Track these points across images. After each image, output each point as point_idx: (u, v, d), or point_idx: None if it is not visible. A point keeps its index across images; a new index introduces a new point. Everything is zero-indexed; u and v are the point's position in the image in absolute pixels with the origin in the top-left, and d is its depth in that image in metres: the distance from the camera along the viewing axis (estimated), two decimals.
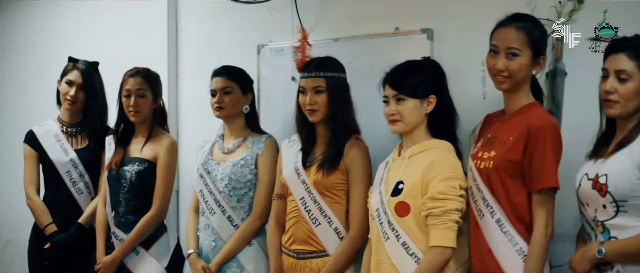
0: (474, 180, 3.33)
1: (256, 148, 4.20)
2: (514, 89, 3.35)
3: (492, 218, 3.25)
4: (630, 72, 2.98)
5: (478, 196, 3.30)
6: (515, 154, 3.22)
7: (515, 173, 3.23)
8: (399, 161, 3.52)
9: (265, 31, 4.85)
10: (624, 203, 2.95)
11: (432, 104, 3.49)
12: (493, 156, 3.28)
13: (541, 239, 3.16)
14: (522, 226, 3.23)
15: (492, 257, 3.25)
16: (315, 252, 3.85)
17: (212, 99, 4.24)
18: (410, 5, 4.25)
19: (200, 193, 4.27)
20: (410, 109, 3.45)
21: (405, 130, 3.50)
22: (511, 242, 3.22)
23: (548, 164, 3.16)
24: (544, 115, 3.31)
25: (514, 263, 3.21)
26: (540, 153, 3.16)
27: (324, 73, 3.86)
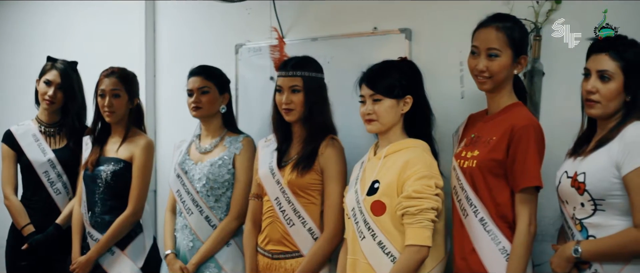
0: (457, 179, 3.33)
1: (234, 148, 4.16)
2: (496, 89, 3.34)
3: (475, 217, 3.24)
4: (612, 72, 2.97)
5: (462, 196, 3.30)
6: (499, 153, 3.20)
7: (499, 172, 3.22)
8: (375, 160, 3.51)
9: (243, 31, 4.81)
10: (601, 201, 2.94)
11: (408, 105, 3.47)
12: (476, 156, 3.27)
13: (525, 238, 3.15)
14: (505, 225, 3.22)
15: (476, 256, 3.25)
16: (289, 252, 3.82)
17: (189, 98, 4.20)
18: (388, 5, 4.22)
19: (177, 193, 4.22)
20: (386, 109, 3.43)
21: (381, 130, 3.48)
22: (494, 241, 3.21)
23: (531, 164, 3.15)
24: (527, 115, 3.30)
25: (497, 262, 3.20)
26: (524, 152, 3.16)
27: (301, 72, 3.82)
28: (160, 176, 5.14)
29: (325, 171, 3.76)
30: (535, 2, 3.71)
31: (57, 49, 5.07)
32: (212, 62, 4.34)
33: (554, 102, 3.69)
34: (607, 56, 2.98)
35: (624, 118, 2.99)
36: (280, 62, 4.00)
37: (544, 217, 3.46)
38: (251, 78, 4.75)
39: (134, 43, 5.27)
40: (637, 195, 2.83)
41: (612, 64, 2.97)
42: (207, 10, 4.97)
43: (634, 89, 2.97)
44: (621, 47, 2.99)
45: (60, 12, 5.73)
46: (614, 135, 2.96)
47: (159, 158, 4.97)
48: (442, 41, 4.02)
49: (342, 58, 4.33)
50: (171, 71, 5.16)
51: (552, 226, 3.53)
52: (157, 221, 5.02)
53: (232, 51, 4.83)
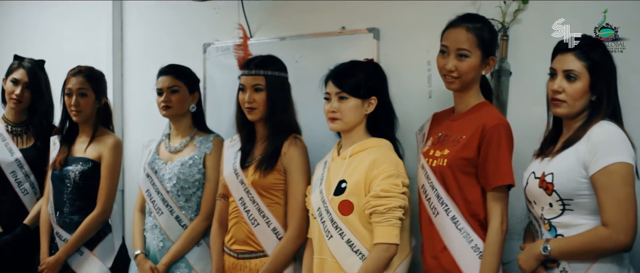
0: (427, 178, 3.32)
1: (204, 148, 4.13)
2: (464, 89, 3.34)
3: (447, 215, 3.24)
4: (578, 72, 2.97)
5: (432, 194, 3.29)
6: (470, 152, 3.20)
7: (470, 170, 3.22)
8: (339, 160, 3.50)
9: (211, 30, 4.78)
10: (569, 201, 2.95)
11: (373, 105, 3.48)
12: (447, 154, 3.26)
13: (497, 235, 3.16)
14: (477, 223, 3.23)
15: (448, 254, 3.24)
16: (254, 252, 3.79)
17: (158, 98, 4.15)
18: (356, 5, 4.21)
19: (146, 193, 4.18)
20: (351, 108, 3.43)
21: (343, 128, 3.49)
22: (466, 239, 3.21)
23: (504, 162, 3.17)
24: (497, 114, 3.31)
25: (470, 260, 3.20)
26: (496, 151, 3.16)
27: (264, 71, 3.80)
28: (128, 175, 5.10)
29: (288, 171, 3.74)
30: (503, 2, 3.71)
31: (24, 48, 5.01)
32: (180, 61, 4.29)
33: (521, 101, 3.69)
34: (573, 56, 2.99)
35: (589, 118, 3.00)
36: (244, 61, 3.97)
37: (511, 216, 3.45)
38: (219, 77, 4.72)
39: (101, 42, 5.22)
40: (604, 194, 2.84)
41: (578, 63, 2.97)
42: (175, 9, 4.94)
43: (600, 88, 2.98)
44: (587, 46, 2.99)
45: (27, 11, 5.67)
46: (581, 135, 2.97)
47: (126, 158, 4.92)
48: (410, 40, 4.01)
49: (310, 57, 4.31)
50: (139, 70, 5.12)
51: (519, 225, 3.55)
52: (125, 221, 4.98)
53: (200, 50, 4.80)
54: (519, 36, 3.70)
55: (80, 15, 5.37)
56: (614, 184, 2.82)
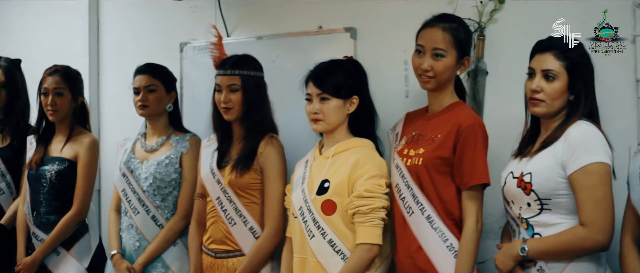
0: (402, 177, 3.30)
1: (181, 147, 4.10)
2: (439, 89, 3.33)
3: (422, 215, 3.23)
4: (556, 71, 2.99)
5: (407, 194, 3.27)
6: (445, 151, 3.20)
7: (445, 170, 3.22)
8: (322, 160, 3.49)
9: (188, 29, 4.74)
10: (547, 201, 2.96)
11: (355, 105, 3.47)
12: (422, 154, 3.25)
13: (472, 234, 3.15)
14: (452, 222, 3.22)
15: (423, 253, 3.23)
16: (231, 251, 3.78)
17: (135, 97, 4.13)
18: (333, 4, 4.20)
19: (122, 193, 4.15)
20: (333, 108, 3.42)
21: (326, 129, 3.48)
22: (442, 238, 3.20)
23: (479, 162, 3.17)
24: (472, 114, 3.31)
25: (445, 259, 3.19)
26: (471, 150, 3.16)
27: (240, 71, 3.78)
28: (104, 175, 5.05)
29: (265, 170, 3.73)
30: (479, 2, 3.72)
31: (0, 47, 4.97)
32: (157, 60, 4.27)
33: (497, 100, 3.71)
34: (552, 55, 3.00)
35: (567, 117, 3.02)
36: (219, 60, 3.96)
37: (488, 215, 3.47)
38: (196, 77, 4.69)
39: (77, 41, 5.17)
40: (582, 194, 2.85)
41: (557, 63, 2.99)
42: (151, 8, 4.91)
43: (578, 88, 3.00)
44: (565, 46, 3.01)
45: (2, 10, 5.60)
46: (559, 135, 2.98)
47: (103, 157, 4.87)
48: (387, 40, 4.01)
49: (287, 57, 4.29)
50: (115, 69, 5.08)
51: (496, 224, 3.56)
52: (102, 220, 4.94)
53: (177, 49, 4.76)
54: (495, 36, 3.71)
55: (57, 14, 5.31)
56: (591, 184, 2.84)
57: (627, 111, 3.43)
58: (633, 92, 3.42)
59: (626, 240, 2.94)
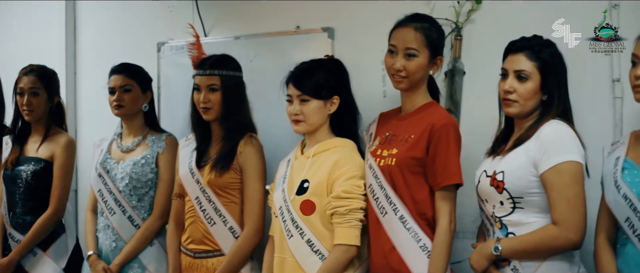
0: (375, 177, 3.29)
1: (157, 147, 4.10)
2: (411, 89, 3.33)
3: (395, 215, 3.22)
4: (529, 72, 3.00)
5: (380, 194, 3.26)
6: (418, 151, 3.19)
7: (418, 170, 3.21)
8: (303, 159, 3.49)
9: (165, 29, 4.74)
10: (520, 199, 2.97)
11: (335, 105, 3.46)
12: (395, 154, 3.25)
13: (446, 235, 3.15)
14: (425, 222, 3.21)
15: (396, 254, 3.22)
16: (211, 251, 3.78)
17: (110, 96, 4.12)
18: (311, 4, 4.21)
19: (98, 193, 4.13)
20: (313, 109, 3.41)
21: (308, 130, 3.47)
22: (415, 238, 3.19)
23: (452, 162, 3.16)
24: (445, 114, 3.30)
25: (419, 259, 3.19)
26: (444, 150, 3.15)
27: (219, 71, 3.78)
28: (81, 175, 5.04)
29: (244, 170, 3.72)
30: (456, 2, 3.73)
31: None
32: (134, 60, 4.26)
33: (475, 101, 3.71)
34: (524, 56, 3.01)
35: (540, 117, 3.03)
36: (198, 60, 3.95)
37: (464, 215, 3.49)
38: (174, 76, 4.68)
39: (54, 41, 5.15)
40: (554, 193, 2.86)
41: (529, 63, 3.00)
42: (129, 7, 4.91)
43: (551, 88, 3.01)
44: (537, 47, 3.02)
45: None
46: (531, 134, 2.99)
47: (79, 157, 4.86)
48: (365, 39, 4.01)
49: (265, 57, 4.29)
50: (92, 69, 5.06)
51: (472, 223, 3.56)
52: (79, 221, 4.91)
53: (154, 49, 4.75)
54: (472, 36, 3.72)
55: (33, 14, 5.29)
56: (563, 182, 2.84)
57: (604, 111, 3.44)
58: (609, 92, 3.44)
59: (600, 239, 2.96)
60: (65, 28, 5.12)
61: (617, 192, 2.83)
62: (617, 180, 2.85)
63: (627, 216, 2.79)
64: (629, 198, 2.77)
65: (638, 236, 2.76)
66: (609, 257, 2.91)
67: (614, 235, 2.94)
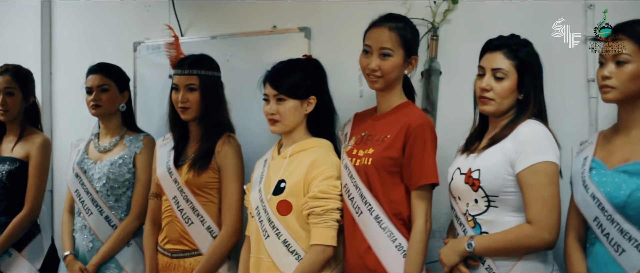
0: (350, 177, 3.29)
1: (134, 147, 4.09)
2: (387, 89, 3.34)
3: (370, 215, 3.22)
4: (506, 70, 3.01)
5: (355, 194, 3.26)
6: (394, 151, 3.20)
7: (394, 170, 3.22)
8: (279, 159, 3.48)
9: (141, 28, 4.73)
10: (495, 198, 2.98)
11: (312, 105, 3.46)
12: (371, 154, 3.25)
13: (421, 234, 3.16)
14: (400, 222, 3.22)
15: (372, 253, 3.22)
16: (188, 251, 3.77)
17: (87, 96, 4.11)
18: (287, 4, 4.21)
19: (75, 193, 4.12)
20: (290, 109, 3.41)
21: (284, 130, 3.47)
22: (390, 238, 3.20)
23: (428, 161, 3.17)
24: (421, 114, 3.32)
25: (395, 259, 3.19)
26: (421, 150, 3.16)
27: (198, 71, 3.78)
28: (57, 175, 5.01)
29: (223, 170, 3.73)
30: (433, 2, 3.74)
31: None
32: (110, 59, 4.25)
33: (451, 100, 3.72)
34: (502, 55, 3.02)
35: (516, 116, 3.04)
36: (176, 60, 3.96)
37: (440, 214, 3.49)
38: (150, 76, 4.67)
39: (29, 40, 5.12)
40: (530, 192, 2.88)
41: (506, 62, 3.01)
42: (105, 7, 4.88)
43: (527, 87, 3.02)
44: (515, 46, 3.03)
45: None
46: (508, 133, 3.00)
47: (55, 157, 4.84)
48: (341, 39, 4.02)
49: (241, 56, 4.28)
50: (68, 69, 5.03)
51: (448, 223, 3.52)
52: (54, 221, 4.89)
53: (130, 48, 4.74)
54: (448, 36, 3.73)
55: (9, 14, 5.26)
56: (539, 182, 2.86)
57: (580, 111, 3.46)
58: (584, 92, 3.46)
59: (570, 239, 2.97)
60: (40, 28, 5.09)
61: (586, 192, 2.84)
62: (585, 179, 2.86)
63: (596, 216, 2.81)
64: (597, 198, 2.79)
65: (606, 235, 2.78)
66: (579, 257, 2.92)
67: (583, 235, 2.96)
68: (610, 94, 2.80)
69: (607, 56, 2.81)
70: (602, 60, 2.85)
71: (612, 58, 2.79)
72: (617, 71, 2.78)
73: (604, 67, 2.83)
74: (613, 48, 2.80)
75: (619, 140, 2.88)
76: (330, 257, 3.29)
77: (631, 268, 2.71)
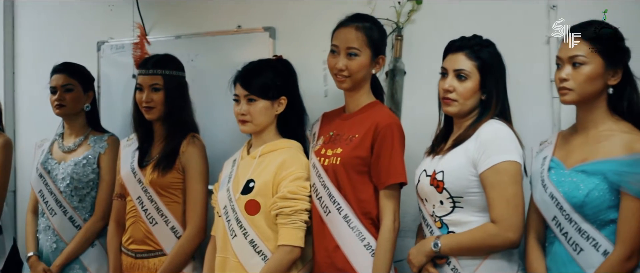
0: (318, 177, 3.30)
1: (98, 147, 4.08)
2: (354, 88, 3.34)
3: (339, 214, 3.23)
4: (468, 71, 3.02)
5: (324, 193, 3.27)
6: (363, 151, 3.21)
7: (363, 169, 3.23)
8: (249, 159, 3.48)
9: (105, 28, 4.70)
10: (459, 199, 2.99)
11: (283, 105, 3.46)
12: (340, 153, 3.26)
13: (390, 233, 3.17)
14: (369, 221, 3.23)
15: (340, 252, 3.24)
16: (152, 251, 3.77)
17: (52, 96, 4.11)
18: (252, 4, 4.20)
19: (39, 194, 4.11)
20: (260, 109, 3.40)
21: (254, 130, 3.46)
22: (359, 237, 3.21)
23: (396, 161, 3.18)
24: (389, 113, 3.32)
25: (363, 258, 3.21)
26: (389, 150, 3.17)
27: (162, 71, 3.78)
28: (20, 176, 4.98)
29: (187, 170, 3.72)
30: (397, 2, 3.74)
31: None
32: (74, 59, 4.25)
33: (415, 100, 3.73)
34: (464, 55, 3.04)
35: (479, 116, 3.06)
36: (141, 60, 3.94)
37: (405, 214, 3.49)
38: (114, 76, 4.65)
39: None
40: (493, 192, 2.89)
41: (469, 63, 3.02)
42: (68, 6, 4.86)
43: (490, 87, 3.04)
44: (477, 46, 3.05)
45: None
46: (470, 133, 3.02)
47: (19, 158, 4.82)
48: (306, 39, 4.02)
49: (206, 56, 4.27)
50: (31, 69, 5.00)
51: (413, 222, 3.55)
52: (17, 222, 4.86)
53: (94, 48, 4.71)
54: (413, 36, 3.74)
55: None
56: (502, 182, 2.88)
57: (542, 111, 3.48)
58: (547, 92, 3.48)
59: (530, 238, 3.01)
60: (3, 28, 5.05)
61: (544, 191, 2.88)
62: (544, 179, 2.89)
63: (554, 215, 2.84)
64: (555, 197, 2.82)
65: (565, 234, 2.82)
66: (538, 256, 2.96)
67: (543, 234, 3.00)
68: (568, 96, 2.83)
69: (564, 58, 2.84)
70: (559, 62, 2.88)
71: (569, 60, 2.82)
72: (574, 73, 2.81)
73: (561, 69, 2.86)
74: (569, 50, 2.83)
75: (577, 140, 2.91)
76: (297, 258, 3.29)
77: (589, 267, 2.75)
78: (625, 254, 2.68)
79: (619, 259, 2.69)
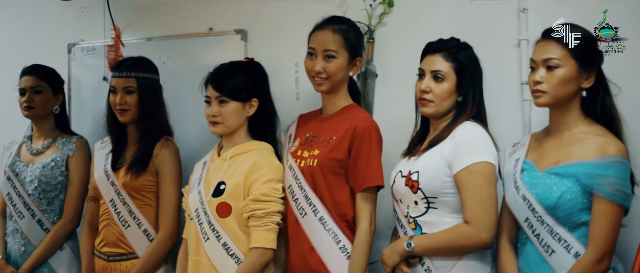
0: (295, 178, 3.30)
1: (67, 149, 4.04)
2: (332, 91, 3.34)
3: (315, 216, 3.23)
4: (445, 72, 3.04)
5: (300, 195, 3.27)
6: (340, 153, 3.21)
7: (340, 171, 3.23)
8: (220, 162, 3.46)
9: (76, 30, 4.67)
10: (434, 199, 3.00)
11: (254, 107, 3.45)
12: (317, 155, 3.26)
13: (366, 236, 3.18)
14: (344, 224, 3.23)
15: (315, 254, 3.23)
16: (125, 254, 3.75)
17: (20, 98, 4.08)
18: (223, 6, 4.20)
19: (7, 196, 4.08)
20: (231, 111, 3.39)
21: (226, 132, 3.45)
22: (334, 239, 3.21)
23: (374, 164, 3.19)
24: (367, 116, 3.34)
25: (338, 260, 3.21)
26: (366, 152, 3.18)
27: (136, 73, 3.77)
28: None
29: (160, 173, 3.71)
30: (369, 5, 3.75)
31: None
32: (44, 61, 4.22)
33: (387, 102, 3.75)
34: (441, 57, 3.05)
35: (455, 118, 3.07)
36: (115, 62, 3.91)
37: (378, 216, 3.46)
38: (84, 78, 4.62)
39: None
40: (467, 193, 2.90)
41: (446, 64, 3.04)
42: (39, 8, 4.83)
43: (466, 89, 3.05)
44: (454, 49, 3.06)
45: None
46: (446, 135, 3.03)
47: None
48: (278, 42, 4.02)
49: (177, 59, 4.26)
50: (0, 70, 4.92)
51: (385, 225, 3.57)
52: None
53: (64, 50, 4.68)
54: (384, 39, 3.76)
55: None
56: (476, 183, 2.89)
57: (513, 113, 3.50)
58: (518, 95, 3.50)
59: (502, 239, 3.01)
60: None
61: (517, 193, 2.89)
62: (516, 180, 2.91)
63: (526, 217, 2.86)
64: (528, 199, 2.84)
65: (537, 236, 2.84)
66: (510, 257, 2.97)
67: (515, 235, 3.01)
68: (542, 98, 2.84)
69: (538, 60, 2.85)
70: (533, 65, 2.89)
71: (543, 63, 2.83)
72: (548, 76, 2.82)
73: (535, 72, 2.87)
74: (543, 53, 2.84)
75: (550, 143, 2.92)
76: (269, 260, 3.27)
77: (560, 268, 2.77)
78: (596, 256, 2.70)
79: (590, 261, 2.70)
